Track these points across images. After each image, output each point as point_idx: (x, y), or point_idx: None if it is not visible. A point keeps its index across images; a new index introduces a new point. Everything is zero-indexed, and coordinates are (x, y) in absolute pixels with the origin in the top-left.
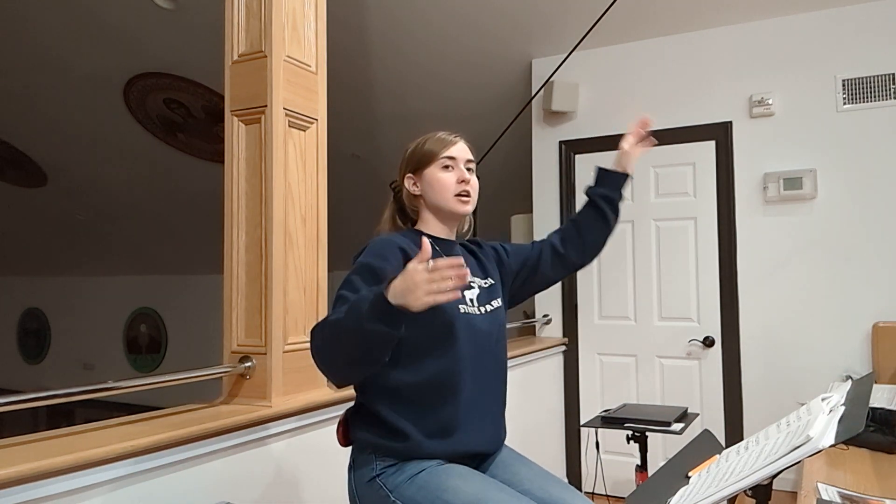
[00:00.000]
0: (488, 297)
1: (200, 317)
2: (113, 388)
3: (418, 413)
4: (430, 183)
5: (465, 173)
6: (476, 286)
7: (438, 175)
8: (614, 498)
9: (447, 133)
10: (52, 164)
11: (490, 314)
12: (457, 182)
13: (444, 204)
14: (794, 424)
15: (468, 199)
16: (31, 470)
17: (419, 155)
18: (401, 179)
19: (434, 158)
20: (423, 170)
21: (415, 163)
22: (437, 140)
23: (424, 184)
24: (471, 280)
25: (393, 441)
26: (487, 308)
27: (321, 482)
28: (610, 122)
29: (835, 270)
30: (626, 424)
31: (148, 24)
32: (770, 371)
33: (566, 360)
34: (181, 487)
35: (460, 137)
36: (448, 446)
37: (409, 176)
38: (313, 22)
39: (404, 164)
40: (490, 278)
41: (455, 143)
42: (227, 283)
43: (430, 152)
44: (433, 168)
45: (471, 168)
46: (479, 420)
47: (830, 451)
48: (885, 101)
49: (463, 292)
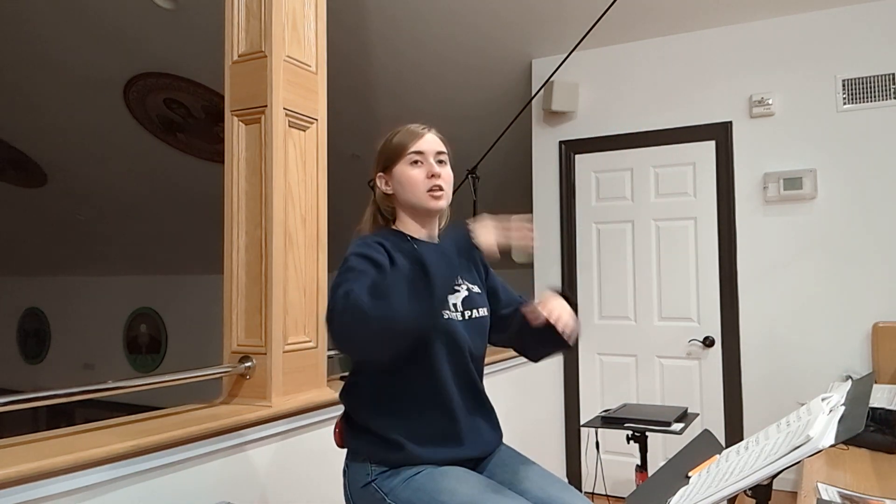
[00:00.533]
0: (474, 303)
1: (200, 317)
2: (113, 388)
3: (407, 422)
4: (400, 181)
5: (434, 167)
6: (463, 289)
7: (408, 172)
8: (614, 498)
9: (417, 125)
10: (52, 164)
11: (474, 321)
12: (427, 177)
13: (417, 201)
14: (794, 424)
15: (440, 194)
16: (31, 470)
17: (388, 152)
18: (374, 181)
19: (402, 154)
20: (392, 167)
21: (384, 160)
22: (404, 134)
23: (395, 182)
24: (456, 284)
25: (387, 451)
26: (473, 314)
27: (321, 482)
28: (610, 122)
29: (835, 270)
30: (626, 424)
31: (148, 24)
32: (770, 371)
33: (566, 360)
34: (181, 487)
35: (429, 128)
36: (443, 454)
37: (381, 175)
38: (313, 22)
39: (374, 165)
40: (477, 286)
41: (422, 135)
42: (227, 283)
43: (397, 148)
44: (402, 165)
45: (442, 160)
46: (471, 425)
47: (830, 451)
48: (885, 101)
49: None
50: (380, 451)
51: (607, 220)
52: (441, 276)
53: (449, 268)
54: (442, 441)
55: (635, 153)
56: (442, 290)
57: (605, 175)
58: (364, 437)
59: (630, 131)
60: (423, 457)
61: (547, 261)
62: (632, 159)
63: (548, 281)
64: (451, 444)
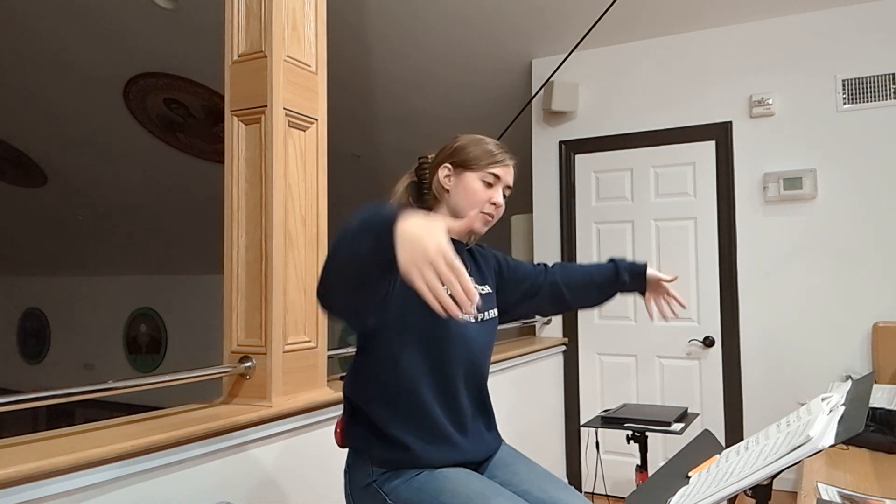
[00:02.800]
0: (484, 305)
1: (200, 317)
2: (113, 388)
3: (416, 423)
4: (465, 188)
5: (499, 195)
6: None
7: (477, 185)
8: (614, 498)
9: (504, 150)
10: (52, 164)
11: (484, 324)
12: (489, 202)
13: (466, 214)
14: (794, 424)
15: (489, 222)
16: (31, 470)
17: (470, 154)
18: (435, 164)
19: (482, 167)
20: (464, 170)
21: (459, 159)
22: (493, 150)
23: (459, 184)
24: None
25: (389, 451)
26: (483, 317)
27: (321, 482)
28: (610, 122)
29: (835, 270)
30: (626, 424)
31: (148, 24)
32: (770, 371)
33: (566, 360)
34: (181, 487)
35: (514, 160)
36: (445, 453)
37: (447, 167)
38: (313, 22)
39: (447, 153)
40: (487, 286)
41: (508, 164)
42: (227, 283)
43: (480, 158)
44: (475, 175)
45: (507, 194)
46: (475, 427)
47: (830, 451)
48: (885, 101)
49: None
50: (382, 451)
51: (607, 220)
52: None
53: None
54: (446, 441)
55: (635, 153)
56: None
57: (605, 175)
58: (366, 436)
59: (630, 131)
60: (425, 457)
61: (547, 261)
62: (632, 159)
63: None
64: (456, 445)
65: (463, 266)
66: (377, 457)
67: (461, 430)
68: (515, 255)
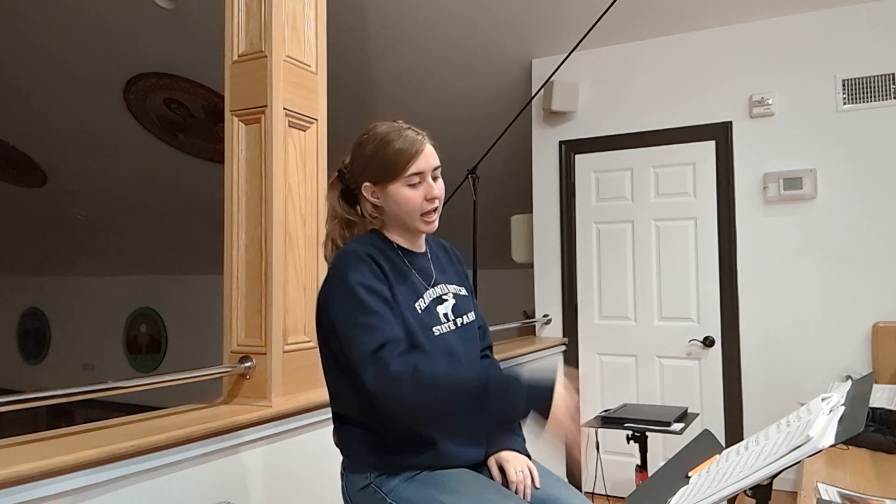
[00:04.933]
0: (462, 308)
1: (200, 317)
2: (113, 388)
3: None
4: (396, 200)
5: (433, 188)
6: (451, 296)
7: (405, 193)
8: (614, 498)
9: (412, 132)
10: (52, 164)
11: (464, 328)
12: (425, 199)
13: (410, 222)
14: (794, 424)
15: (435, 217)
16: (31, 470)
17: (380, 165)
18: (357, 180)
19: (399, 174)
20: (385, 184)
21: (377, 172)
22: (400, 148)
23: (388, 199)
24: (444, 293)
25: (384, 454)
26: (462, 321)
27: (321, 482)
28: (610, 122)
29: (835, 270)
30: (626, 424)
31: (148, 24)
32: (770, 371)
33: (566, 360)
34: (181, 487)
35: (425, 139)
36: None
37: (368, 185)
38: (313, 22)
39: (361, 168)
40: (464, 288)
41: (421, 150)
42: (227, 283)
43: (395, 164)
44: (398, 186)
45: (437, 175)
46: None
47: (830, 451)
48: (885, 101)
49: (436, 308)
50: (375, 454)
51: (607, 220)
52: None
53: (443, 274)
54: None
55: (635, 153)
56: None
57: (605, 175)
58: (360, 439)
59: (630, 131)
60: (421, 463)
61: (547, 261)
62: (632, 159)
63: (548, 280)
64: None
65: None
66: (371, 460)
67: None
68: (515, 255)
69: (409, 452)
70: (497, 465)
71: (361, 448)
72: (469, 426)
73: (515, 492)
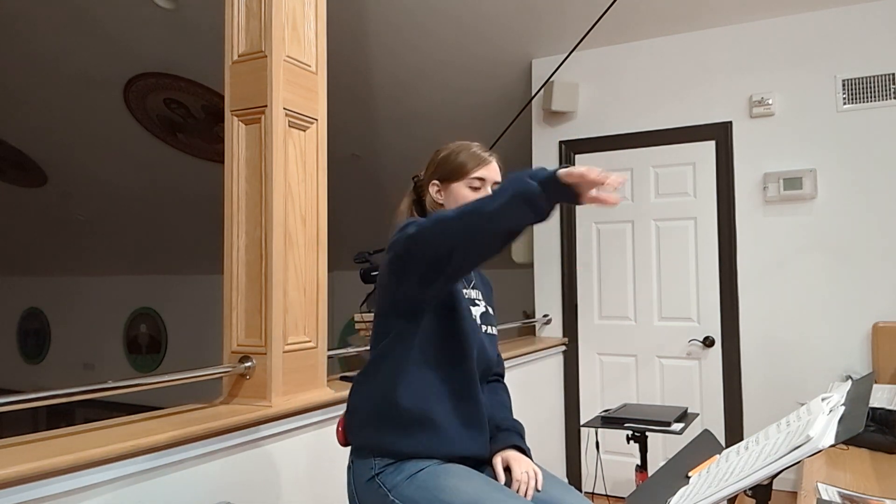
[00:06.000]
0: (489, 320)
1: (200, 317)
2: (113, 388)
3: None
4: (456, 199)
5: None
6: (482, 305)
7: (465, 193)
8: (614, 498)
9: (481, 148)
10: (52, 164)
11: (489, 336)
12: None
13: None
14: (794, 424)
15: None
16: (31, 470)
17: (450, 166)
18: (426, 180)
19: (464, 175)
20: (450, 182)
21: (444, 172)
22: (470, 155)
23: (450, 197)
24: (477, 299)
25: (389, 434)
26: (489, 329)
27: (321, 482)
28: (610, 122)
29: (835, 270)
30: (626, 424)
31: (148, 24)
32: (770, 371)
33: (566, 360)
34: (181, 487)
35: (494, 156)
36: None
37: (435, 183)
38: (313, 22)
39: (432, 169)
40: (491, 307)
41: (488, 162)
42: (227, 283)
43: (461, 167)
44: (461, 184)
45: None
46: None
47: (830, 451)
48: (885, 101)
49: (470, 308)
50: (385, 438)
51: (607, 220)
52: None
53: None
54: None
55: (635, 153)
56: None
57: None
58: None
59: (630, 131)
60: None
61: (547, 261)
62: (632, 159)
63: (548, 280)
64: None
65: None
66: (378, 448)
67: (478, 426)
68: (515, 255)
69: (413, 437)
70: (503, 463)
71: (367, 428)
72: (495, 222)
73: (518, 490)
